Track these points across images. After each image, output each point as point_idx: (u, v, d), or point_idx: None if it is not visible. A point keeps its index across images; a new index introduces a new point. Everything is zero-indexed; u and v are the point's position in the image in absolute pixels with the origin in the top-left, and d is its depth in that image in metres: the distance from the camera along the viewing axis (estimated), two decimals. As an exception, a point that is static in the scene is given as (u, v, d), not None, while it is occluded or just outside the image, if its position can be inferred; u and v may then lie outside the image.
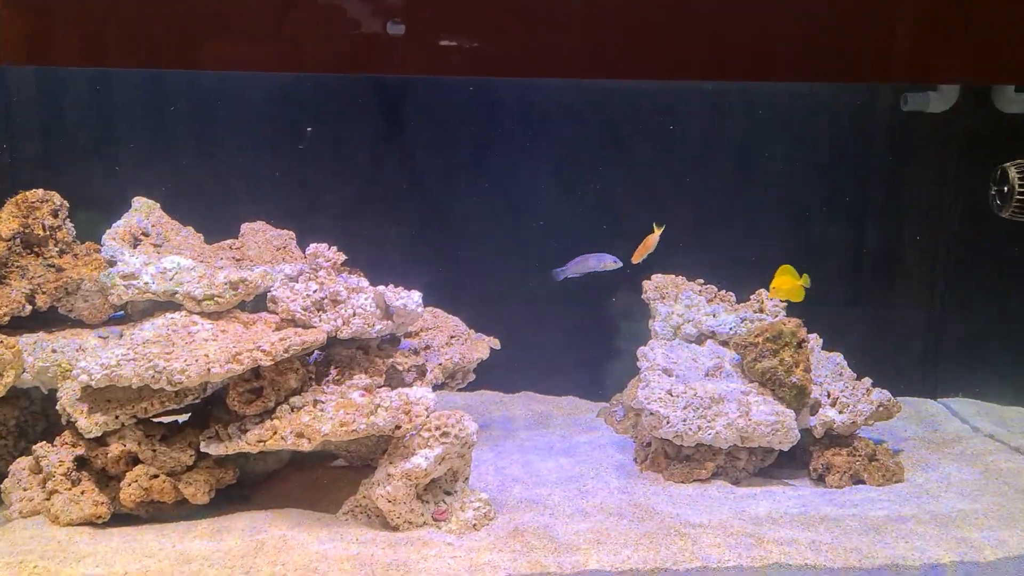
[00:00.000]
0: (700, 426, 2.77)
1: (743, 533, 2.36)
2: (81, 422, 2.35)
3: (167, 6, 2.11)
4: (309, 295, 2.58)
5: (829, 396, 2.97)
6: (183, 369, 2.29)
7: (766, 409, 2.82)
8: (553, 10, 2.14)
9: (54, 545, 2.23)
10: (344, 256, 2.71)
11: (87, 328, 2.72)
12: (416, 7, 2.12)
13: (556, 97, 3.56)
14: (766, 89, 3.53)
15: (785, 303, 3.23)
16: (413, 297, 2.69)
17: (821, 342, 3.25)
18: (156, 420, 2.46)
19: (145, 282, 2.58)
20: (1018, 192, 2.77)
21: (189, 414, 2.56)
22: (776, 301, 3.24)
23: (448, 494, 2.44)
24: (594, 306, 3.61)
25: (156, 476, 2.38)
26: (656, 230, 3.05)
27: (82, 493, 2.38)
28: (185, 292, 2.57)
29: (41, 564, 2.12)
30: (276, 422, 2.38)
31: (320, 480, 2.70)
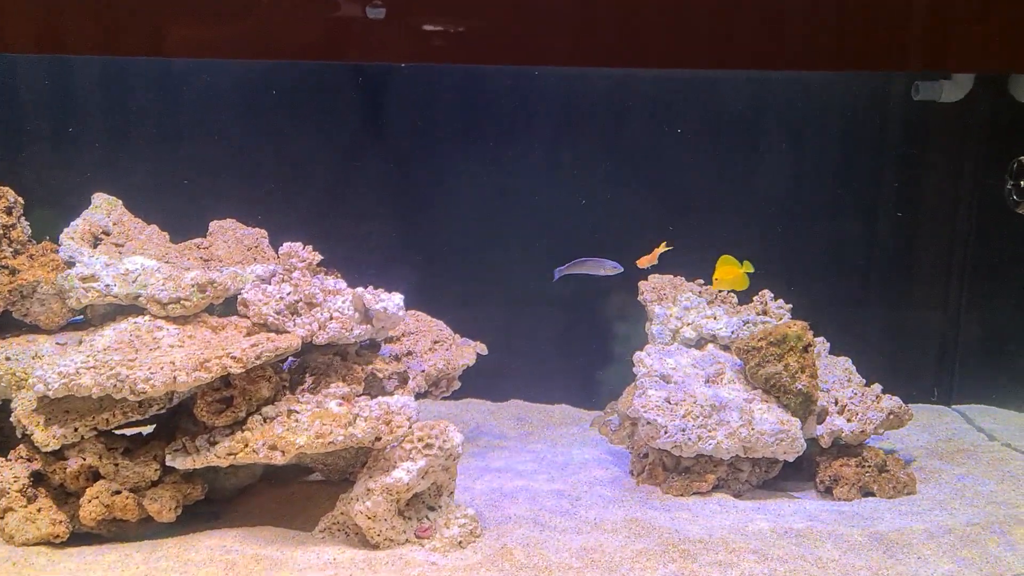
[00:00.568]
0: (700, 436, 2.77)
1: (746, 550, 2.35)
2: (37, 435, 2.33)
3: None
4: (283, 298, 2.56)
5: (837, 403, 2.96)
6: (147, 378, 2.28)
7: (770, 417, 2.81)
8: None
9: (8, 567, 2.21)
10: (320, 256, 2.68)
11: (43, 334, 2.71)
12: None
13: (546, 88, 3.56)
14: (769, 79, 3.54)
15: (790, 305, 3.23)
16: (394, 300, 2.66)
17: (828, 346, 3.25)
18: (118, 432, 2.45)
19: (106, 284, 2.57)
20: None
21: (154, 426, 2.55)
22: (781, 303, 3.24)
23: (432, 510, 2.43)
24: (588, 309, 3.61)
25: (118, 492, 2.36)
26: (662, 247, 3.07)
27: (39, 511, 2.36)
28: (149, 295, 2.57)
29: (-7, 587, 2.13)
30: (247, 434, 2.37)
31: (295, 495, 2.70)
